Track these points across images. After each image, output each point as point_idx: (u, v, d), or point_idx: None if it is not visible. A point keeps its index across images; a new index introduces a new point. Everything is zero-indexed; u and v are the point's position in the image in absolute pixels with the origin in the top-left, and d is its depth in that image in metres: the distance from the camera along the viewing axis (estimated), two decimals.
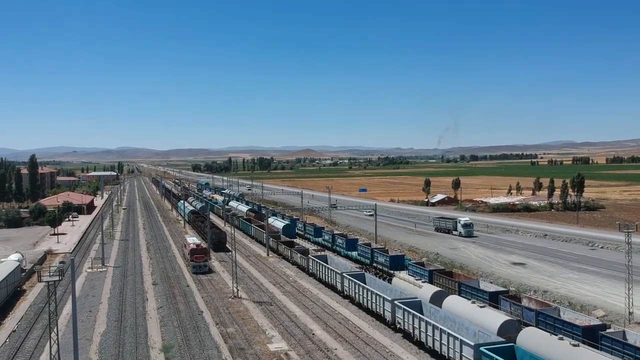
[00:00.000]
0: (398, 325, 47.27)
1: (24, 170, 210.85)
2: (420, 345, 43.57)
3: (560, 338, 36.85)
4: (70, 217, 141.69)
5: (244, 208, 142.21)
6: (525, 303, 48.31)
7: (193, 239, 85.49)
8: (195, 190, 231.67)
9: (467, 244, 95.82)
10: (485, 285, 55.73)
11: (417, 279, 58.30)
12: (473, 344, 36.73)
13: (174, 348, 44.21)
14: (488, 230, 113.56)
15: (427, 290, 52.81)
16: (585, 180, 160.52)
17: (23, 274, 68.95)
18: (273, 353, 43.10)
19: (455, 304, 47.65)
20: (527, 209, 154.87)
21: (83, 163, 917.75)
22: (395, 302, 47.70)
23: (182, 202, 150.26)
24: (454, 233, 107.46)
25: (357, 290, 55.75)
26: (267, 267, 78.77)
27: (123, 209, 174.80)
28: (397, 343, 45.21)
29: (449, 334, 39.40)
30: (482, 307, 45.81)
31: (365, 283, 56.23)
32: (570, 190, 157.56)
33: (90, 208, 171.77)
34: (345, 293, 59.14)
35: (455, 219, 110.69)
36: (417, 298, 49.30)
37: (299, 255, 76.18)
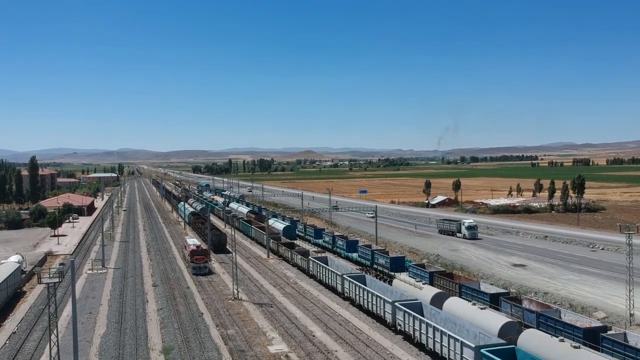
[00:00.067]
0: (399, 327, 47.20)
1: (25, 172, 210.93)
2: (421, 347, 43.50)
3: (561, 340, 36.80)
4: (71, 218, 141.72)
5: (244, 209, 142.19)
6: (526, 305, 48.24)
7: (193, 241, 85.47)
8: (196, 192, 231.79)
9: (467, 246, 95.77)
10: (486, 287, 55.67)
11: (417, 281, 58.27)
12: (474, 346, 36.67)
13: (174, 350, 44.14)
14: (488, 232, 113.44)
15: (427, 292, 52.73)
16: (586, 182, 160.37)
17: (23, 276, 68.92)
18: (273, 355, 43.04)
19: (456, 306, 47.58)
20: (527, 211, 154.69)
21: (83, 164, 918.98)
22: (396, 303, 47.62)
23: (182, 203, 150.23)
24: (458, 235, 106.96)
25: (357, 292, 55.68)
26: (267, 268, 78.71)
27: (123, 211, 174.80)
28: (397, 345, 45.15)
29: (450, 336, 39.33)
30: (482, 308, 45.76)
31: (366, 285, 56.16)
32: (571, 192, 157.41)
33: (91, 210, 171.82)
34: (346, 295, 59.07)
35: (460, 221, 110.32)
36: (417, 300, 49.24)
37: (300, 257, 76.12)
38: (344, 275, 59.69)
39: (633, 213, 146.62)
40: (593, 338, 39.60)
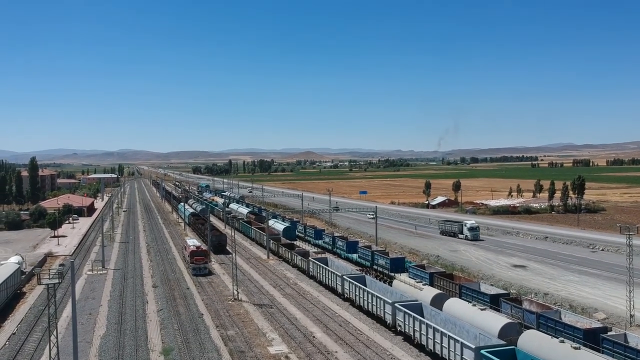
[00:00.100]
0: (399, 328, 47.18)
1: (24, 173, 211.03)
2: (421, 348, 43.47)
3: (562, 341, 36.77)
4: (71, 219, 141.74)
5: (245, 210, 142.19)
6: (526, 306, 48.22)
7: (193, 241, 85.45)
8: (196, 193, 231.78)
9: (467, 247, 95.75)
10: (486, 288, 55.64)
11: (417, 282, 58.24)
12: (474, 347, 36.63)
13: (174, 351, 44.10)
14: (489, 233, 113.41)
15: (427, 293, 52.70)
16: (586, 183, 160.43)
17: (23, 277, 68.86)
18: (273, 356, 43.01)
19: (456, 307, 47.56)
20: (527, 211, 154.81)
21: (83, 165, 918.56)
22: (396, 304, 47.59)
23: (182, 204, 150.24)
24: (460, 236, 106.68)
25: (357, 293, 55.66)
26: (267, 269, 78.68)
27: (123, 211, 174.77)
28: (397, 346, 45.11)
29: (450, 337, 39.30)
30: (483, 309, 45.73)
31: (366, 285, 56.13)
32: (571, 193, 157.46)
33: (91, 210, 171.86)
34: (346, 295, 59.04)
35: (461, 222, 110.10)
36: (417, 301, 49.20)
37: (300, 258, 76.10)
38: (344, 276, 59.67)
39: (633, 214, 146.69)
40: (593, 339, 39.58)
